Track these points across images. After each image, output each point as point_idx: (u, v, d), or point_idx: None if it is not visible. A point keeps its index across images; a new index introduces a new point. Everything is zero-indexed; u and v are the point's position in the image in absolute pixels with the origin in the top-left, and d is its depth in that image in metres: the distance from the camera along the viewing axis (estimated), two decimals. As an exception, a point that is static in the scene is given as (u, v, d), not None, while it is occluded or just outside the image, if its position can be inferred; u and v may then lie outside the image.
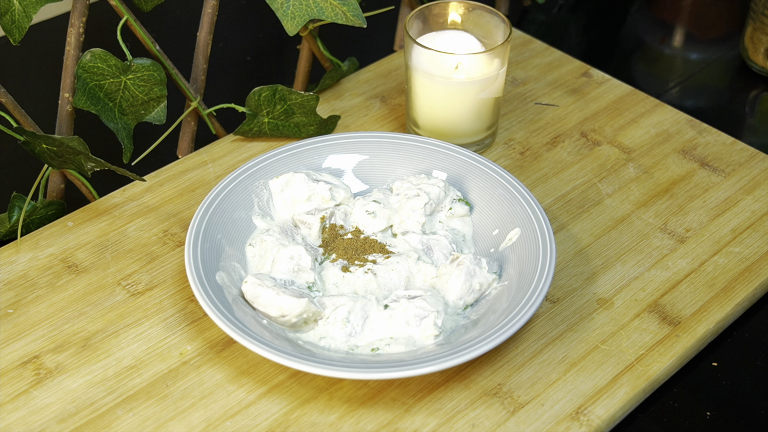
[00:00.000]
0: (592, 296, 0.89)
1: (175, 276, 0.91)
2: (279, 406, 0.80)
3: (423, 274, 0.88)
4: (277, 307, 0.83)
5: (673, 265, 0.92)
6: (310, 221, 0.92)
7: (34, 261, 0.91)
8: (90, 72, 0.95)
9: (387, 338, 0.83)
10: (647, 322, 0.87)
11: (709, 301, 0.89)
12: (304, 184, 0.93)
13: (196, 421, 0.79)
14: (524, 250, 0.88)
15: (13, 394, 0.81)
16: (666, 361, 0.84)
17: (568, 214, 0.98)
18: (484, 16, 1.02)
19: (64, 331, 0.85)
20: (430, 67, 0.98)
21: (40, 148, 0.89)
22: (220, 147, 1.04)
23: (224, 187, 0.92)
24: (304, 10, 0.97)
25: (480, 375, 0.83)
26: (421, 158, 0.98)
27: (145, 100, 0.98)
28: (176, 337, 0.85)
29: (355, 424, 0.79)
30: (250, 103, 1.02)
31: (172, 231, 0.95)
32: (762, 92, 1.20)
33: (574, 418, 0.80)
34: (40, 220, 0.97)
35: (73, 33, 0.95)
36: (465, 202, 0.94)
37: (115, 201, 0.98)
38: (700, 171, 1.03)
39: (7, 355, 0.83)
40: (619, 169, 1.03)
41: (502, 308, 0.84)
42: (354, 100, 1.11)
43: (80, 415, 0.79)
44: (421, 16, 1.02)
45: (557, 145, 1.05)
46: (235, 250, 0.90)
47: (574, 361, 0.84)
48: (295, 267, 0.87)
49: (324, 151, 0.98)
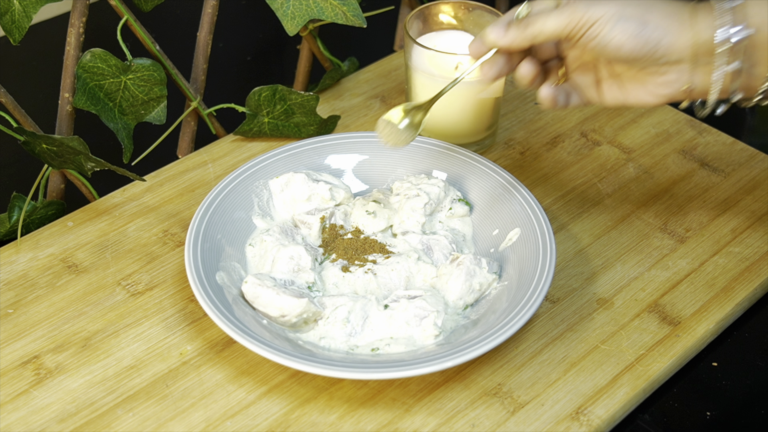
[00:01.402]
0: (592, 296, 0.89)
1: (175, 276, 0.91)
2: (279, 406, 0.80)
3: (423, 274, 0.88)
4: (277, 307, 0.83)
5: (673, 265, 0.92)
6: (310, 221, 0.92)
7: (34, 261, 0.91)
8: (90, 72, 0.95)
9: (387, 338, 0.83)
10: (647, 322, 0.87)
11: (709, 301, 0.89)
12: (304, 184, 0.93)
13: (196, 421, 0.79)
14: (524, 250, 0.88)
15: (13, 394, 0.81)
16: (666, 361, 0.84)
17: (568, 214, 0.98)
18: (484, 16, 1.02)
19: (64, 331, 0.85)
20: (430, 67, 0.98)
21: (40, 148, 0.89)
22: (220, 147, 1.04)
23: (224, 187, 0.92)
24: (304, 10, 0.97)
25: (480, 375, 0.83)
26: (421, 158, 0.98)
27: (145, 100, 0.98)
28: (176, 337, 0.85)
29: (355, 424, 0.79)
30: (250, 103, 1.02)
31: (172, 231, 0.95)
32: (762, 92, 1.20)
33: (574, 418, 0.80)
34: (40, 220, 0.97)
35: (73, 33, 0.95)
36: (465, 202, 0.94)
37: (115, 201, 0.98)
38: (700, 171, 1.03)
39: (7, 355, 0.83)
40: (619, 169, 1.03)
41: (502, 308, 0.84)
42: (354, 100, 1.11)
43: (80, 415, 0.79)
44: (421, 16, 1.02)
45: (557, 145, 1.05)
46: (235, 250, 0.90)
47: (574, 361, 0.84)
48: (295, 267, 0.87)
49: (324, 151, 0.98)
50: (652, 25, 0.78)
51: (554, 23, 0.80)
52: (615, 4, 0.79)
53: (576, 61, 0.86)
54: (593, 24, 0.79)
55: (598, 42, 0.79)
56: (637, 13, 0.78)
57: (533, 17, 0.81)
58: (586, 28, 0.79)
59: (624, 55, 0.79)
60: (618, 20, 0.78)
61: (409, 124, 0.88)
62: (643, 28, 0.78)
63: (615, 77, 0.84)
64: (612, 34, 0.78)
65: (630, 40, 0.78)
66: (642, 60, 0.79)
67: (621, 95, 0.84)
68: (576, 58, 0.86)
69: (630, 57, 0.79)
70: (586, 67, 0.86)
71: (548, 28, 0.80)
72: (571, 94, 0.86)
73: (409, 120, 0.88)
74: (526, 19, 0.81)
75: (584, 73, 0.86)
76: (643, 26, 0.78)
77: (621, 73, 0.83)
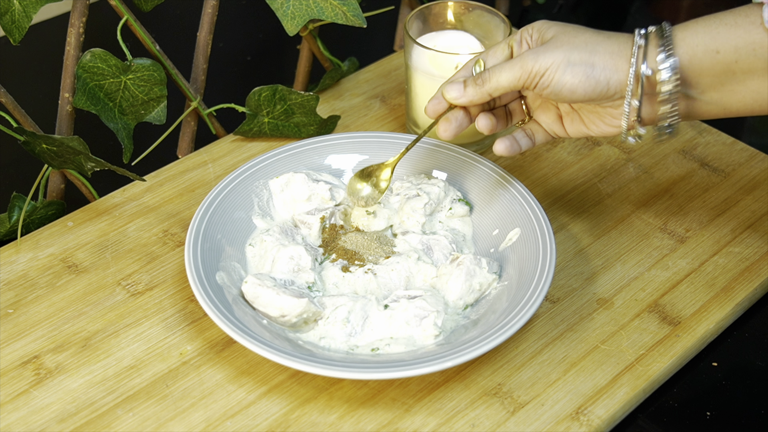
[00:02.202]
0: (592, 296, 0.89)
1: (175, 276, 0.91)
2: (279, 406, 0.80)
3: (423, 274, 0.88)
4: (277, 307, 0.83)
5: (673, 265, 0.92)
6: (310, 221, 0.92)
7: (34, 261, 0.91)
8: (90, 72, 0.95)
9: (387, 338, 0.83)
10: (647, 322, 0.87)
11: (709, 301, 0.89)
12: (304, 184, 0.93)
13: (196, 421, 0.79)
14: (524, 250, 0.88)
15: (13, 394, 0.81)
16: (666, 361, 0.84)
17: (568, 214, 0.98)
18: (484, 16, 1.02)
19: (64, 331, 0.85)
20: (430, 67, 0.98)
21: (40, 148, 0.89)
22: (220, 147, 1.04)
23: (224, 187, 0.92)
24: (304, 10, 0.97)
25: (480, 375, 0.83)
26: (421, 158, 0.98)
27: (145, 100, 0.98)
28: (176, 337, 0.85)
29: (355, 424, 0.79)
30: (250, 103, 1.02)
31: (172, 231, 0.95)
32: (762, 92, 1.20)
33: (574, 418, 0.80)
34: (40, 220, 0.97)
35: (73, 33, 0.95)
36: (465, 202, 0.94)
37: (115, 201, 0.98)
38: (700, 171, 1.03)
39: (7, 355, 0.83)
40: (619, 169, 1.03)
41: (502, 308, 0.84)
42: (354, 100, 1.11)
43: (80, 415, 0.79)
44: (421, 16, 1.02)
45: (557, 145, 1.05)
46: (235, 250, 0.90)
47: (574, 361, 0.84)
48: (295, 267, 0.87)
49: (324, 151, 0.98)
50: (599, 67, 0.80)
51: (508, 77, 0.82)
52: (561, 51, 0.80)
53: (536, 100, 0.89)
54: (544, 73, 0.81)
55: (552, 89, 0.81)
56: (583, 57, 0.80)
57: (488, 73, 0.83)
58: (539, 78, 0.81)
59: (579, 98, 0.81)
60: (567, 66, 0.80)
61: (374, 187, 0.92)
62: (591, 70, 0.80)
63: (575, 112, 0.86)
64: (563, 81, 0.80)
65: (581, 84, 0.80)
66: (597, 99, 0.81)
67: (583, 128, 0.86)
68: (536, 97, 0.89)
69: (585, 98, 0.81)
70: (546, 105, 0.88)
71: (503, 82, 0.83)
72: (534, 133, 0.88)
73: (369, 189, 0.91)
74: (481, 75, 0.84)
75: (546, 111, 0.88)
76: (591, 68, 0.80)
77: (580, 108, 0.86)
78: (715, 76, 0.79)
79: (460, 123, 0.87)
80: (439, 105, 0.87)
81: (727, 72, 0.78)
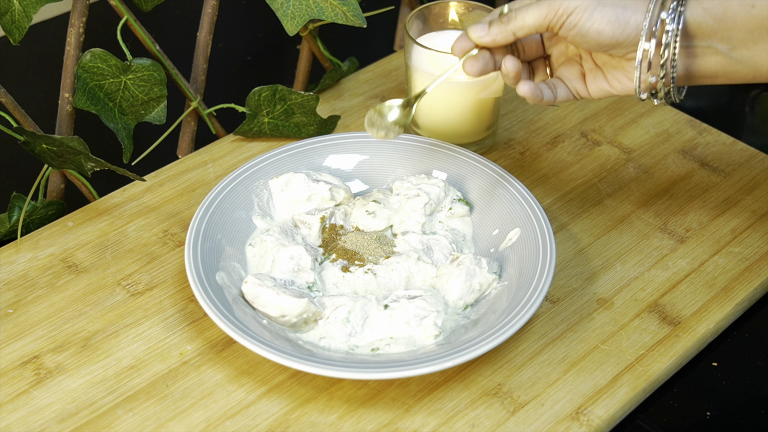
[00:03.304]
0: (592, 296, 0.89)
1: (175, 276, 0.91)
2: (279, 406, 0.80)
3: (423, 274, 0.88)
4: (277, 307, 0.83)
5: (673, 265, 0.92)
6: (310, 221, 0.92)
7: (34, 261, 0.91)
8: (90, 72, 0.95)
9: (387, 338, 0.83)
10: (647, 322, 0.87)
11: (709, 301, 0.89)
12: (304, 184, 0.93)
13: (196, 421, 0.79)
14: (524, 250, 0.88)
15: (13, 394, 0.81)
16: (666, 361, 0.84)
17: (568, 214, 0.98)
18: (484, 16, 1.02)
19: (64, 331, 0.85)
20: (430, 67, 0.98)
21: (40, 148, 0.89)
22: (220, 147, 1.04)
23: (224, 187, 0.92)
24: (304, 10, 0.97)
25: (480, 375, 0.83)
26: (421, 158, 0.98)
27: (145, 100, 0.98)
28: (176, 337, 0.85)
29: (355, 424, 0.79)
30: (250, 103, 1.02)
31: (172, 231, 0.95)
32: (762, 92, 1.20)
33: (574, 418, 0.80)
34: (40, 220, 0.97)
35: (73, 33, 0.95)
36: (465, 202, 0.94)
37: (115, 201, 0.98)
38: (700, 171, 1.03)
39: (7, 355, 0.83)
40: (619, 169, 1.03)
41: (502, 308, 0.84)
42: (354, 100, 1.11)
43: (80, 415, 0.79)
44: (421, 16, 1.02)
45: (557, 145, 1.05)
46: (235, 250, 0.90)
47: (574, 361, 0.84)
48: (295, 267, 0.87)
49: (324, 151, 0.98)
50: (630, 9, 0.79)
51: (534, 16, 0.81)
52: None
53: (561, 57, 0.88)
54: (571, 13, 0.80)
55: (578, 31, 0.80)
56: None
57: (513, 13, 0.83)
58: (565, 18, 0.80)
59: (605, 41, 0.80)
60: (596, 7, 0.79)
61: (396, 119, 0.89)
62: (621, 12, 0.79)
63: (599, 68, 0.85)
64: (591, 22, 0.79)
65: (609, 26, 0.79)
66: (623, 44, 0.80)
67: (606, 85, 0.85)
68: (560, 54, 0.88)
69: (611, 42, 0.80)
70: (570, 62, 0.87)
71: (528, 21, 0.82)
72: (557, 87, 0.87)
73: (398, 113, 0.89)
74: (506, 15, 0.83)
75: (569, 67, 0.87)
76: (621, 10, 0.79)
77: (604, 63, 0.85)
78: (748, 31, 0.77)
79: (486, 62, 0.85)
80: (465, 43, 0.86)
81: (760, 28, 0.76)
